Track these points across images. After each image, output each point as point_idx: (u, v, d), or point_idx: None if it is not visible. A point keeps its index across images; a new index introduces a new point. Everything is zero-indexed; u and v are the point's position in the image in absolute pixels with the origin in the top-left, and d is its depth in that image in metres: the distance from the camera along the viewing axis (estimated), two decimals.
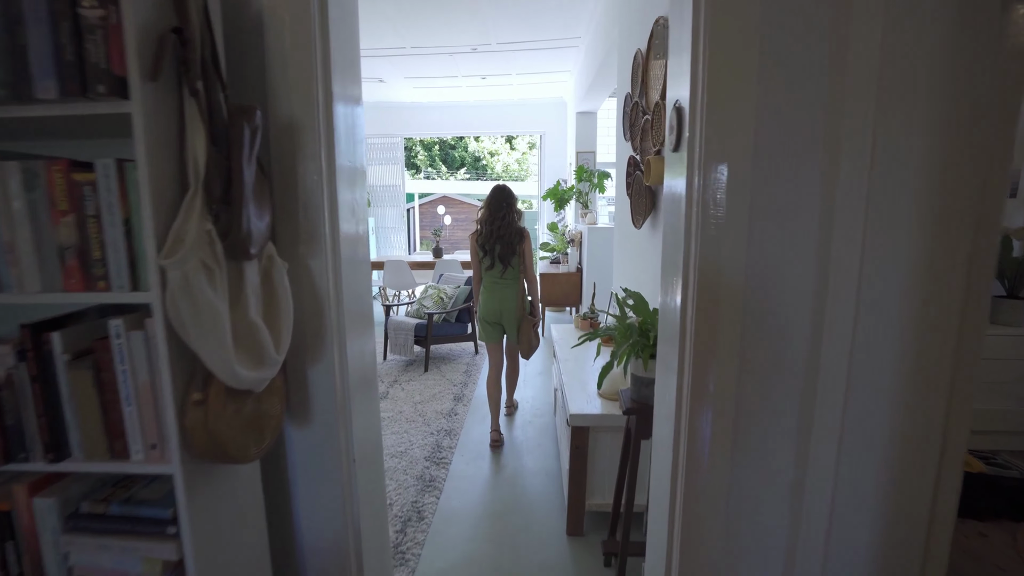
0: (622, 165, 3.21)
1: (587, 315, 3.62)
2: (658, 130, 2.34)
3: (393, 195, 8.46)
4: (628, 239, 3.09)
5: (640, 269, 2.77)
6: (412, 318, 4.75)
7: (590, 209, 6.37)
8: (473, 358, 4.94)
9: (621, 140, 3.30)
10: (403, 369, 4.60)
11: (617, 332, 1.73)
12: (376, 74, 6.46)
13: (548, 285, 5.72)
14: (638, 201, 2.69)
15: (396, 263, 6.21)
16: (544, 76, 6.68)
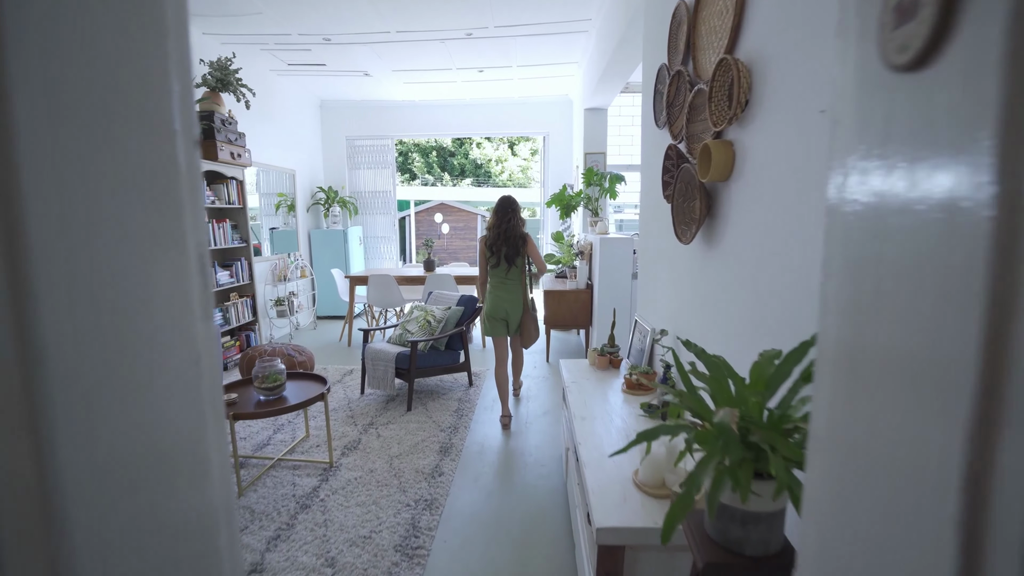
0: (654, 161, 2.49)
1: (605, 350, 2.89)
2: (720, 103, 1.62)
3: (384, 202, 7.77)
4: (666, 258, 2.35)
5: (690, 301, 2.03)
6: (393, 345, 4.02)
7: (600, 217, 5.65)
8: (466, 392, 4.20)
9: (650, 128, 2.58)
10: (382, 407, 3.86)
11: (694, 436, 1.00)
12: (360, 66, 5.78)
13: (553, 304, 4.99)
14: (684, 206, 1.95)
15: (381, 278, 5.49)
16: (548, 69, 5.99)
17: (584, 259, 5.05)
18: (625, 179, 5.37)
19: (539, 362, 5.11)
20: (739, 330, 1.55)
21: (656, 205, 2.48)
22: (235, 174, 4.75)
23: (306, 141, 7.04)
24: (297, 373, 3.20)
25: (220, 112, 4.52)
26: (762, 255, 1.41)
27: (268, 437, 3.34)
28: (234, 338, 4.90)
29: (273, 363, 2.85)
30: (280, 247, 6.46)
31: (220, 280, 4.61)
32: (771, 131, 1.36)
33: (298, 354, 4.37)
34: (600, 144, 5.97)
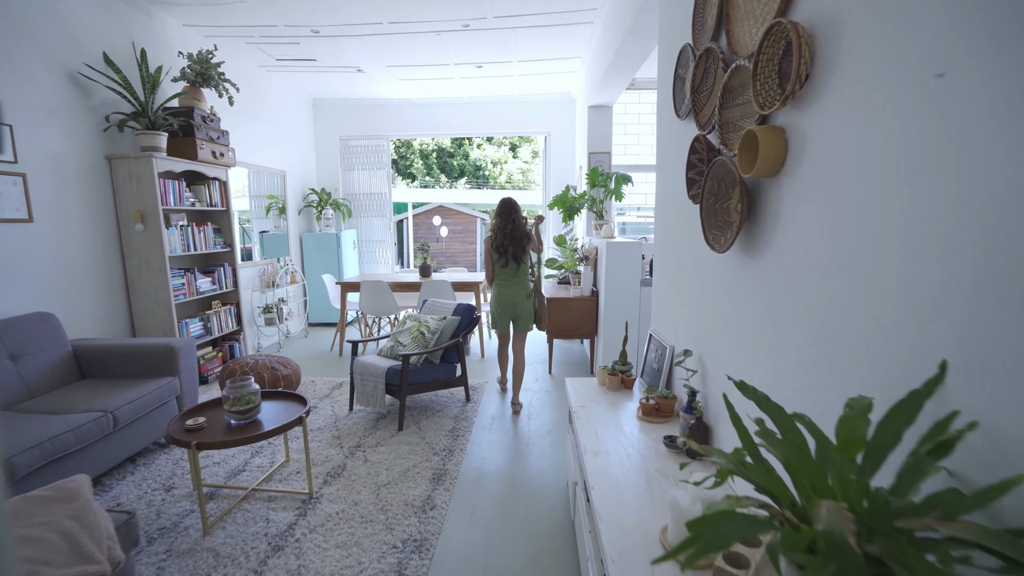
0: (675, 157, 2.19)
1: (616, 368, 2.59)
2: (768, 80, 1.33)
3: (379, 204, 7.48)
4: (690, 267, 2.05)
5: (723, 320, 1.72)
6: (384, 358, 3.72)
7: (605, 220, 5.36)
8: (463, 409, 3.90)
9: (669, 120, 2.29)
10: (371, 426, 3.56)
11: (783, 542, 0.69)
12: (352, 62, 5.49)
13: (556, 311, 4.69)
14: (716, 208, 1.66)
15: (373, 284, 5.19)
16: (550, 64, 5.71)
17: (589, 264, 4.75)
18: (632, 180, 5.08)
19: (541, 374, 4.81)
20: (794, 363, 1.25)
21: (678, 207, 2.18)
22: (218, 174, 4.46)
23: (298, 141, 6.76)
24: (275, 392, 2.90)
25: (201, 108, 4.23)
26: (827, 269, 1.12)
27: (244, 462, 3.04)
28: (217, 349, 4.60)
29: (245, 384, 2.55)
30: (270, 251, 6.16)
31: (200, 287, 4.31)
32: (843, 110, 1.07)
33: (283, 367, 4.07)
34: (605, 143, 5.68)
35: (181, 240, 4.08)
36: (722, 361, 1.71)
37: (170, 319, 3.90)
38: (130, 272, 3.87)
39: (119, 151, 3.81)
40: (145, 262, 3.84)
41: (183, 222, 4.15)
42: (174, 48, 4.34)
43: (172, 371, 3.21)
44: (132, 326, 3.94)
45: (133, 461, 3.04)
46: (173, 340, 3.27)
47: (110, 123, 3.69)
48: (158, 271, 3.84)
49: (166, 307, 3.89)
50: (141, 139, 3.77)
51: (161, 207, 3.78)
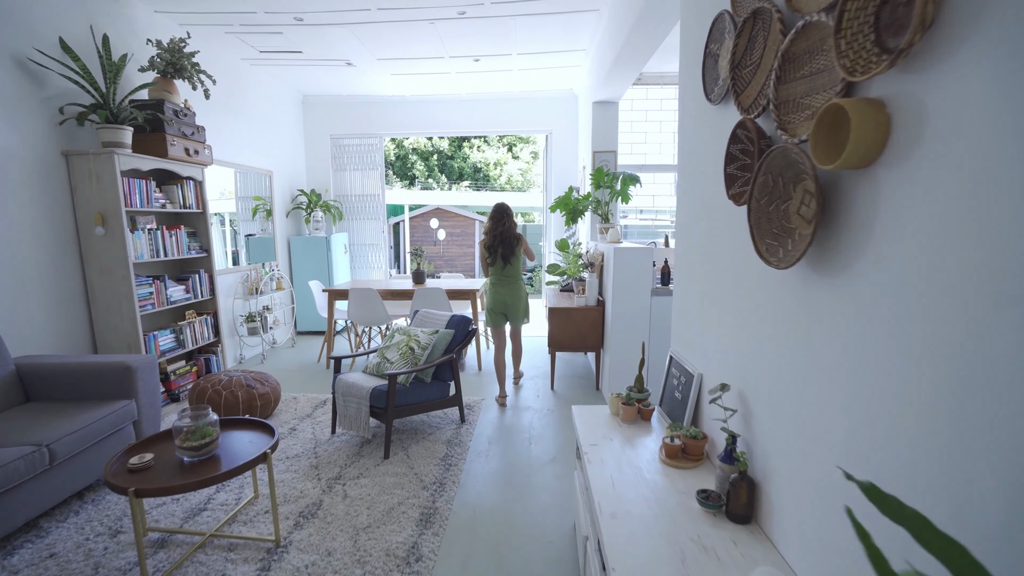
0: (707, 148, 1.84)
1: (632, 395, 2.24)
2: (859, 36, 0.97)
3: (372, 206, 7.13)
4: (729, 282, 1.68)
5: (779, 353, 1.35)
6: (370, 376, 3.36)
7: (612, 223, 5.01)
8: (457, 431, 3.53)
9: (696, 106, 1.94)
10: (354, 453, 3.19)
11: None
12: (340, 54, 5.14)
13: (559, 323, 4.33)
14: (771, 211, 1.30)
15: (363, 292, 4.83)
16: (552, 58, 5.36)
17: (594, 271, 4.39)
18: (640, 180, 4.73)
19: (543, 390, 4.45)
20: (911, 430, 0.89)
21: (710, 208, 1.83)
22: (192, 174, 4.10)
23: (286, 140, 6.41)
24: (240, 420, 2.53)
25: (172, 101, 3.88)
26: (971, 294, 0.76)
27: (207, 498, 2.68)
28: (191, 363, 4.23)
29: (201, 414, 2.19)
30: (257, 256, 5.80)
31: (172, 296, 3.95)
32: (1003, 67, 0.71)
33: (259, 384, 3.71)
34: (610, 142, 5.33)
35: (149, 245, 3.72)
36: (777, 405, 1.36)
37: (135, 332, 3.54)
38: (90, 281, 3.51)
39: (78, 147, 3.46)
40: (107, 269, 3.48)
41: (151, 225, 3.79)
42: (143, 36, 3.99)
43: (128, 393, 2.85)
44: (93, 340, 3.58)
45: (81, 497, 2.68)
46: (130, 358, 2.91)
47: (65, 115, 3.33)
48: (121, 279, 3.48)
49: (130, 319, 3.53)
50: (102, 134, 3.42)
51: (124, 208, 3.43)
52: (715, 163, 1.75)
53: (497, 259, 4.01)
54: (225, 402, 3.49)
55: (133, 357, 2.94)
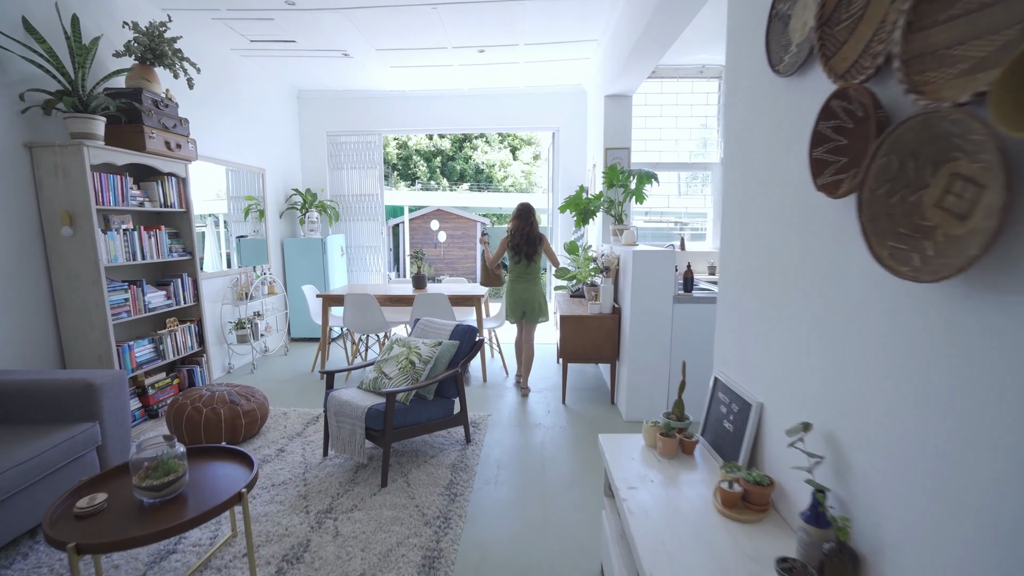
0: (764, 134, 1.51)
1: (672, 426, 1.91)
2: None
3: (370, 206, 6.80)
4: (822, 301, 1.33)
5: (923, 403, 1.00)
6: (366, 393, 3.02)
7: (626, 225, 4.69)
8: (463, 453, 3.20)
9: (751, 84, 1.61)
10: (348, 479, 2.86)
11: None
12: (336, 44, 4.82)
13: (572, 332, 4.00)
14: (891, 204, 0.96)
15: (359, 298, 4.50)
16: (561, 49, 5.04)
17: (609, 276, 4.07)
18: (657, 178, 4.41)
19: (554, 404, 4.11)
20: None
21: (776, 202, 1.50)
22: (174, 169, 3.78)
23: (280, 136, 6.08)
24: (213, 449, 2.20)
25: (151, 90, 3.55)
26: None
27: (177, 538, 2.34)
28: (172, 375, 3.90)
29: (163, 446, 1.86)
30: (249, 258, 5.47)
31: (151, 303, 3.62)
32: None
33: (245, 400, 3.38)
34: (624, 138, 5.01)
35: (124, 247, 3.39)
36: (899, 459, 1.02)
37: (106, 343, 3.21)
38: (57, 286, 3.18)
39: (43, 138, 3.13)
40: (75, 274, 3.15)
41: (127, 225, 3.46)
42: (119, 17, 3.66)
43: (91, 415, 2.52)
44: (61, 353, 3.24)
45: (33, 536, 2.34)
46: (94, 374, 2.58)
47: (28, 103, 3.00)
48: (91, 284, 3.15)
49: (101, 329, 3.20)
50: (70, 124, 3.09)
51: (95, 207, 3.10)
52: (789, 146, 1.42)
53: (522, 258, 4.12)
54: (206, 421, 3.16)
55: (97, 373, 2.60)
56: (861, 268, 1.13)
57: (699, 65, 5.20)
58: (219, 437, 3.19)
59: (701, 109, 5.35)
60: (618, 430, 3.60)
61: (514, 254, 4.17)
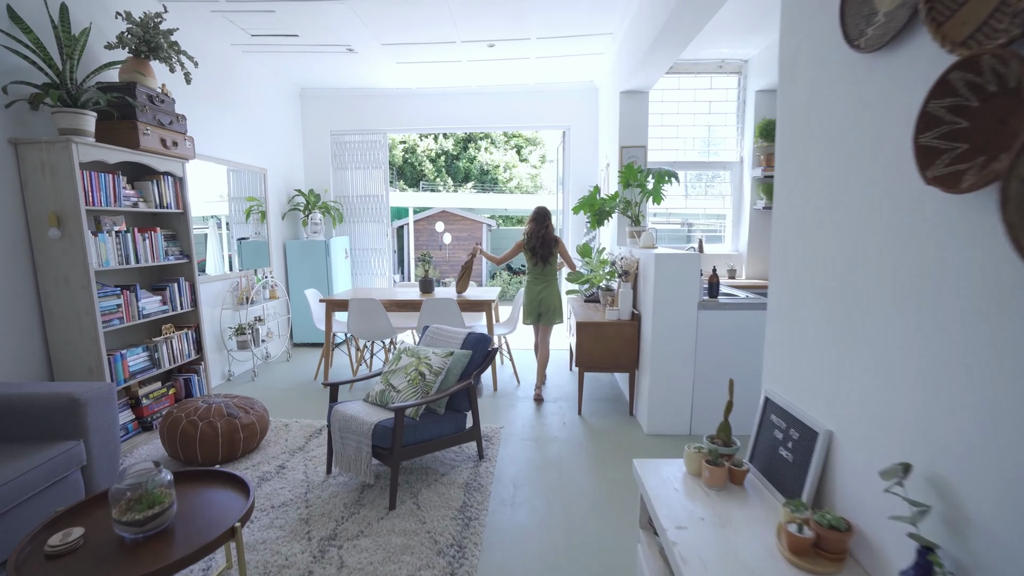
0: (837, 121, 1.30)
1: (718, 452, 1.70)
2: None
3: (375, 208, 6.61)
4: (931, 314, 1.09)
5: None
6: (372, 407, 2.82)
7: (643, 226, 4.48)
8: (476, 470, 2.99)
9: (818, 63, 1.40)
10: (353, 501, 2.65)
11: None
12: (341, 38, 4.63)
13: (589, 339, 3.79)
14: None
15: (364, 303, 4.30)
16: (574, 44, 4.84)
17: (628, 280, 3.85)
18: (677, 177, 4.19)
19: (569, 416, 3.90)
20: None
21: (856, 199, 1.28)
22: (171, 168, 3.59)
23: (282, 135, 5.89)
24: (206, 473, 2.00)
25: (146, 85, 3.36)
26: None
27: None
28: (167, 384, 3.70)
29: (148, 474, 1.65)
30: (250, 261, 5.29)
31: (145, 309, 3.42)
32: None
33: (243, 412, 3.18)
34: (640, 136, 4.80)
35: (117, 249, 3.20)
36: None
37: (97, 352, 3.01)
38: (44, 292, 2.99)
39: (30, 134, 2.94)
40: (63, 279, 2.96)
41: (120, 227, 3.27)
42: (111, 7, 3.48)
43: (76, 432, 2.32)
44: (48, 363, 3.05)
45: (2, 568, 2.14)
46: (79, 387, 2.38)
47: (12, 96, 2.81)
48: (80, 290, 2.96)
49: (91, 336, 3.00)
50: (58, 119, 2.90)
51: (84, 207, 2.91)
52: (874, 135, 1.21)
53: (538, 260, 4.20)
54: (202, 436, 2.96)
55: (83, 386, 2.40)
56: (984, 276, 0.92)
57: (718, 60, 4.99)
58: (216, 453, 2.99)
59: (720, 106, 5.13)
60: (639, 444, 3.39)
61: (531, 256, 4.23)
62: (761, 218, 4.97)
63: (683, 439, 3.47)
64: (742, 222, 5.14)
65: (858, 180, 1.28)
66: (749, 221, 5.00)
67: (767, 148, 4.72)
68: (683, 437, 3.50)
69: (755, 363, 3.45)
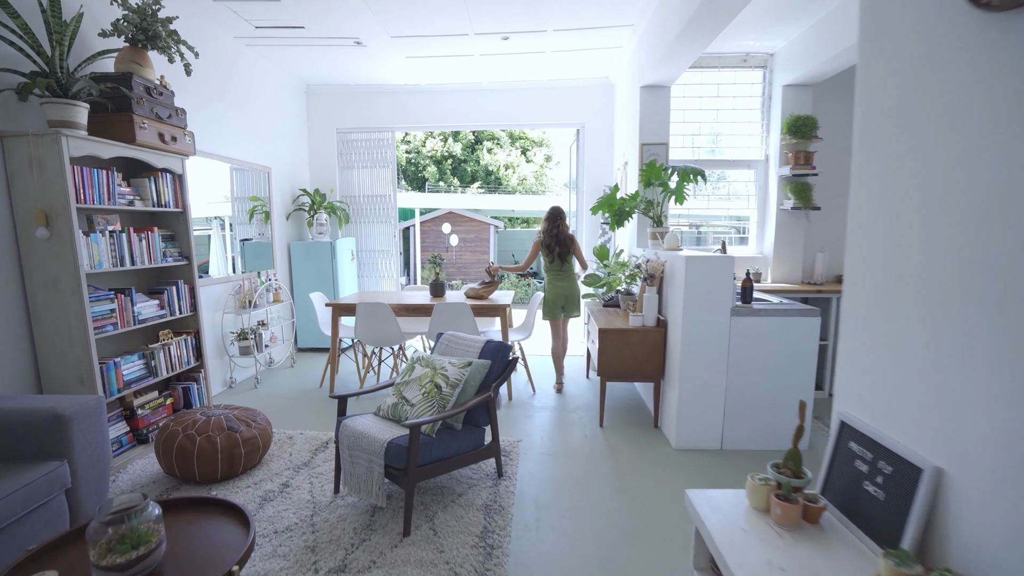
0: (958, 96, 1.06)
1: (790, 483, 1.47)
2: None
3: (382, 208, 6.40)
4: None
5: None
6: (383, 422, 2.60)
7: (666, 227, 4.25)
8: (495, 489, 2.77)
9: (919, 23, 1.17)
10: (364, 525, 2.43)
11: None
12: (349, 30, 4.43)
13: (612, 346, 3.56)
14: None
15: (373, 307, 4.09)
16: (591, 37, 4.63)
17: (653, 285, 3.63)
18: (705, 175, 3.97)
19: (590, 428, 3.67)
20: None
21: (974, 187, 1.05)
22: (169, 165, 3.38)
23: (286, 133, 5.69)
24: (199, 502, 1.78)
25: (143, 76, 3.16)
26: None
27: None
28: (165, 394, 3.49)
29: (133, 508, 1.44)
30: (252, 263, 5.08)
31: (141, 313, 3.22)
32: None
33: (245, 425, 2.96)
34: (661, 133, 4.58)
35: (111, 251, 2.99)
36: None
37: (88, 360, 2.80)
38: (32, 296, 2.78)
39: (18, 127, 2.74)
40: (52, 281, 2.75)
41: (114, 227, 3.07)
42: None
43: (60, 451, 2.11)
44: (36, 372, 2.84)
45: None
46: (62, 401, 2.17)
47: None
48: (70, 294, 2.75)
49: (82, 344, 2.79)
50: (47, 110, 2.70)
51: (75, 205, 2.70)
52: (1010, 112, 0.98)
53: (555, 258, 4.41)
54: (199, 451, 2.74)
55: (68, 400, 2.19)
56: None
57: (743, 53, 4.76)
58: (215, 469, 2.78)
59: (744, 101, 4.90)
60: (668, 461, 3.16)
61: (548, 253, 4.43)
62: (789, 219, 4.74)
63: (714, 455, 3.24)
64: (767, 223, 4.91)
65: (985, 166, 1.06)
66: (775, 222, 4.77)
67: (796, 145, 4.48)
68: (714, 452, 3.27)
69: (792, 374, 3.22)
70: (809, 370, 3.23)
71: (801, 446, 1.58)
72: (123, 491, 2.75)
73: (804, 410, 1.55)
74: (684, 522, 2.47)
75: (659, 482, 2.88)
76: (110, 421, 3.04)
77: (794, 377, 3.24)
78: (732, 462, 3.12)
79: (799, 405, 1.56)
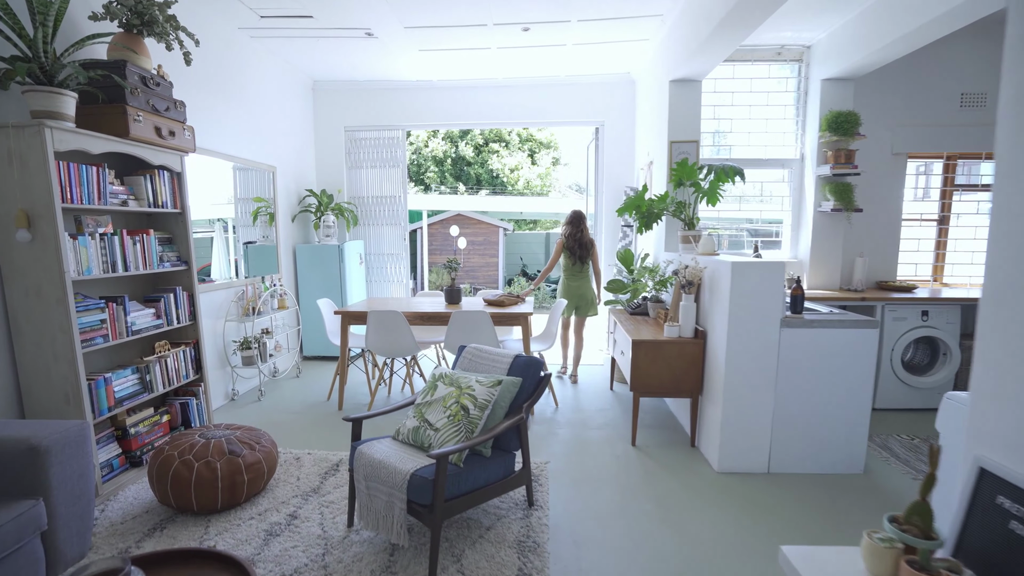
0: None
1: (924, 548, 1.17)
2: None
3: (392, 210, 6.13)
4: None
5: None
6: (404, 448, 2.31)
7: (698, 230, 3.97)
8: (527, 522, 2.48)
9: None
10: (382, 568, 2.14)
11: None
12: (360, 20, 4.16)
13: (646, 360, 3.27)
14: None
15: (385, 316, 3.81)
16: (616, 29, 4.35)
17: (691, 292, 3.34)
18: (743, 174, 3.68)
19: (622, 448, 3.38)
20: None
21: None
22: (167, 162, 3.11)
23: (292, 131, 5.43)
24: (190, 555, 1.49)
25: (139, 64, 2.89)
26: None
27: None
28: (161, 410, 3.21)
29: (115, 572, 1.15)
30: (256, 268, 4.81)
31: (135, 323, 2.94)
32: None
33: (248, 448, 2.68)
34: (692, 130, 4.30)
35: (101, 255, 2.72)
36: None
37: (74, 377, 2.53)
38: (12, 305, 2.51)
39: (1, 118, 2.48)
40: (35, 289, 2.48)
41: (105, 229, 2.79)
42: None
43: (35, 488, 1.83)
44: (17, 390, 2.57)
45: None
46: (38, 430, 1.89)
47: None
48: (55, 303, 2.48)
49: (68, 359, 2.52)
50: (30, 99, 2.43)
51: (60, 204, 2.43)
52: None
53: (576, 260, 4.67)
54: (197, 479, 2.46)
55: (46, 428, 1.91)
56: None
57: (778, 45, 4.48)
58: (214, 499, 2.49)
59: (778, 97, 4.62)
60: (712, 486, 2.87)
61: (569, 255, 4.71)
62: (827, 222, 4.45)
63: (762, 479, 2.94)
64: (803, 226, 4.62)
65: None
66: (812, 225, 4.48)
67: (837, 143, 4.20)
68: (761, 476, 2.98)
69: (847, 390, 2.93)
70: (866, 387, 2.94)
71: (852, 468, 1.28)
72: (112, 524, 2.47)
73: (937, 457, 1.26)
74: (744, 563, 2.17)
75: (707, 513, 2.59)
76: (100, 443, 2.76)
77: (849, 394, 2.95)
78: (783, 487, 2.83)
79: (930, 451, 1.27)
